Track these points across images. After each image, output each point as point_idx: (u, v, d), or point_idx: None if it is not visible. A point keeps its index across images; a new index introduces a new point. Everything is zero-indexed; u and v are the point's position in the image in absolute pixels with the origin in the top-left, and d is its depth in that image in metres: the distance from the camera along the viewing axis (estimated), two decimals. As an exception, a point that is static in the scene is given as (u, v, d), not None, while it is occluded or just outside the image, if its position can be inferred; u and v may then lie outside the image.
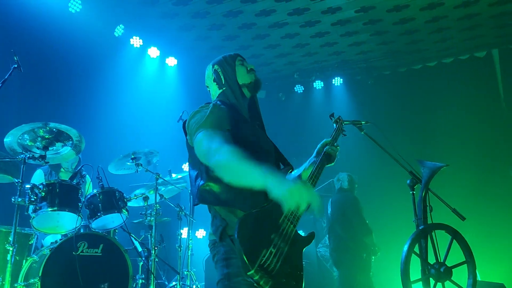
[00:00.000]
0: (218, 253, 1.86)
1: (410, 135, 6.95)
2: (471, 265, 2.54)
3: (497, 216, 6.05)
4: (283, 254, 1.71)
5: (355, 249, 4.59)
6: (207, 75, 2.25)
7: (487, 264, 5.50)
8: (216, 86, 2.16)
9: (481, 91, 6.77)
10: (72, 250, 3.26)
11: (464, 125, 6.66)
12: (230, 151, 1.68)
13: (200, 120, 1.87)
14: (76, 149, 3.63)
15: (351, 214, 4.68)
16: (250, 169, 1.63)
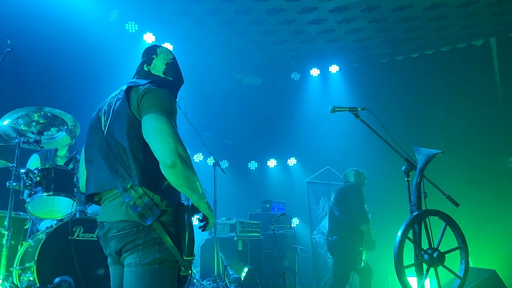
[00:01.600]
0: (148, 236, 1.78)
1: (406, 123, 6.98)
2: (464, 250, 2.58)
3: (490, 203, 6.12)
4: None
5: (351, 237, 4.63)
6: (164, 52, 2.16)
7: (479, 251, 5.57)
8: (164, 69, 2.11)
9: (478, 79, 6.78)
10: (68, 235, 3.26)
11: (460, 113, 6.69)
12: (192, 167, 1.77)
13: (168, 105, 1.85)
14: (71, 134, 3.61)
15: (352, 200, 4.72)
16: (199, 190, 1.81)
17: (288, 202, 7.11)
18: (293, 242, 6.52)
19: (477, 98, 6.69)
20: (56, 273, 3.15)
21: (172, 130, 1.76)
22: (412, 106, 7.21)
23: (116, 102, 1.95)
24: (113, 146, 1.86)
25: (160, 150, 1.73)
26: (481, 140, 6.47)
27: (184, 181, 1.75)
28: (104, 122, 1.96)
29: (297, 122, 8.33)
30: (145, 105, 1.82)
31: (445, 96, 6.94)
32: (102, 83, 6.00)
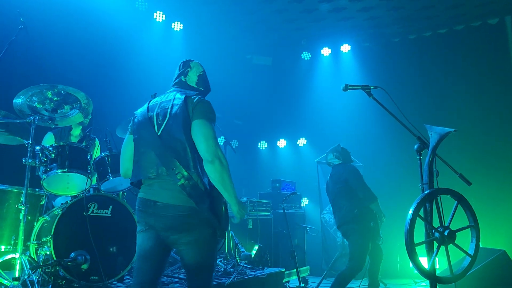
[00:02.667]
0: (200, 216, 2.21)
1: (419, 102, 6.91)
2: (475, 229, 2.58)
3: (502, 184, 6.09)
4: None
5: (362, 218, 4.60)
6: (196, 65, 2.64)
7: (489, 231, 5.58)
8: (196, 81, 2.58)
9: (492, 58, 6.66)
10: (83, 211, 3.33)
11: (473, 92, 6.61)
12: (227, 168, 2.25)
13: (212, 115, 2.34)
14: (84, 112, 3.65)
15: (354, 184, 4.65)
16: (231, 189, 2.24)
17: (298, 182, 7.15)
18: (303, 221, 6.58)
19: (491, 77, 6.59)
20: (71, 247, 3.24)
21: (214, 135, 2.27)
22: (424, 85, 7.13)
23: (173, 107, 2.34)
24: (169, 142, 2.27)
25: (204, 149, 2.21)
26: (494, 119, 6.40)
27: (219, 176, 2.20)
28: (158, 122, 2.35)
29: (307, 102, 8.30)
30: (196, 112, 2.29)
31: (458, 75, 6.85)
32: (114, 61, 6.02)
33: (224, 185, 2.21)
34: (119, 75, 6.06)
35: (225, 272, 4.27)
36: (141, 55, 6.61)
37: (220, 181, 2.21)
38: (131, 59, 6.38)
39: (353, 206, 4.60)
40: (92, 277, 3.28)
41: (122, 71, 6.14)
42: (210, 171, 2.20)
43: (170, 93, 2.48)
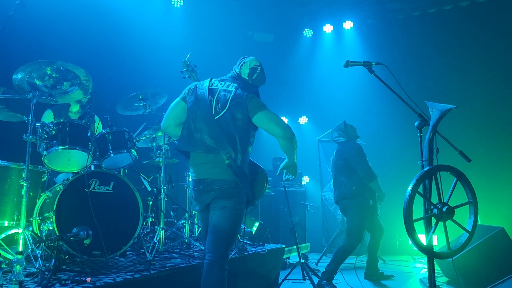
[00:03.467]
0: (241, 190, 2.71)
1: (421, 79, 6.85)
2: (474, 206, 2.59)
3: (502, 161, 6.09)
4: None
5: (360, 195, 4.66)
6: (248, 59, 2.99)
7: (488, 208, 5.61)
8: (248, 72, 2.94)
9: (497, 36, 6.55)
10: (84, 187, 3.36)
11: (475, 70, 6.54)
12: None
13: (265, 104, 2.78)
14: (84, 89, 3.64)
15: (354, 161, 4.70)
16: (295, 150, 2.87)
17: (299, 160, 7.11)
18: (304, 199, 6.63)
19: (495, 55, 6.50)
20: (74, 223, 3.28)
21: (279, 117, 2.79)
22: (427, 62, 7.06)
23: (233, 99, 2.74)
24: (225, 128, 2.68)
25: (281, 130, 2.74)
26: (495, 98, 6.36)
27: (295, 146, 2.83)
28: (217, 108, 2.74)
29: (308, 80, 8.23)
30: (254, 107, 2.73)
31: (461, 52, 6.77)
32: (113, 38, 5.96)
33: (295, 150, 2.86)
34: (119, 52, 6.01)
35: (226, 248, 4.32)
36: (141, 32, 6.53)
37: (294, 148, 2.83)
38: (131, 36, 6.31)
39: (351, 183, 4.67)
40: (94, 252, 3.32)
41: (122, 47, 6.08)
42: (290, 144, 2.80)
43: (229, 83, 2.86)
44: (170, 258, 3.76)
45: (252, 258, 4.23)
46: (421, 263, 6.15)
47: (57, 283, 2.69)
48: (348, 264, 6.26)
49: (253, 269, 4.22)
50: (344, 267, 5.97)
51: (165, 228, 4.23)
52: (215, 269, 2.65)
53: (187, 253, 4.00)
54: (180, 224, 4.99)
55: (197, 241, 4.58)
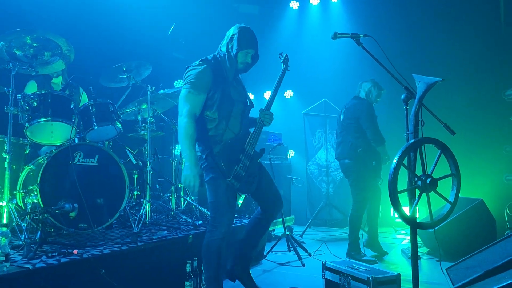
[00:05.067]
0: (204, 163, 2.89)
1: (409, 52, 6.84)
2: (456, 178, 2.65)
3: (483, 135, 6.20)
4: (246, 166, 2.90)
5: (364, 157, 4.62)
6: (229, 31, 2.99)
7: (469, 181, 5.75)
8: (225, 42, 2.97)
9: (482, 10, 6.55)
10: (69, 160, 3.31)
11: (461, 43, 6.55)
12: (186, 124, 2.75)
13: (190, 78, 2.84)
14: (66, 59, 3.54)
15: (365, 123, 4.60)
16: (185, 145, 2.75)
17: (284, 134, 7.18)
18: (289, 172, 6.68)
19: (480, 30, 6.53)
20: (59, 196, 3.25)
21: (182, 95, 2.87)
22: (414, 35, 7.03)
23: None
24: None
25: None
26: (480, 71, 6.41)
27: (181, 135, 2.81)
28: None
29: (294, 53, 8.09)
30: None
31: (448, 26, 6.76)
32: (95, 6, 5.76)
33: (181, 141, 2.84)
34: (101, 22, 5.82)
35: (212, 220, 4.35)
36: (124, 1, 6.33)
37: (180, 137, 2.85)
38: (114, 6, 6.11)
39: (358, 145, 4.62)
40: (80, 224, 3.32)
41: (104, 18, 5.89)
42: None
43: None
44: (157, 231, 3.78)
45: (238, 231, 4.27)
46: (402, 235, 6.31)
47: (43, 255, 2.68)
48: (333, 235, 6.41)
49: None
50: (329, 239, 6.11)
51: (151, 201, 4.23)
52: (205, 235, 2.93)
53: (174, 226, 4.02)
54: (166, 197, 5.00)
55: (184, 213, 4.60)
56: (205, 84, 2.84)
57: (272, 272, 4.20)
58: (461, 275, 2.82)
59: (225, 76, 2.94)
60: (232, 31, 2.95)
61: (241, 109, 3.00)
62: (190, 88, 2.81)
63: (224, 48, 2.95)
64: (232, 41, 2.92)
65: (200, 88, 2.82)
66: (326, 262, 3.22)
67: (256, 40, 3.00)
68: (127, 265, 3.01)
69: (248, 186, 2.94)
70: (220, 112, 2.87)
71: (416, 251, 2.54)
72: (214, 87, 2.87)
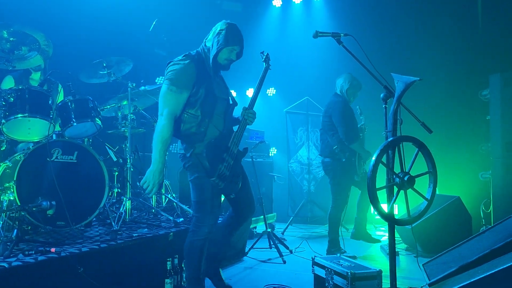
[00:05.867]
0: (188, 162, 2.86)
1: (389, 52, 6.92)
2: (433, 175, 2.71)
3: (460, 134, 6.34)
4: (230, 165, 2.88)
5: (341, 154, 4.65)
6: (215, 26, 2.92)
7: (446, 178, 5.87)
8: (211, 37, 2.90)
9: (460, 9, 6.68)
10: (46, 156, 3.26)
11: (440, 43, 6.67)
12: (162, 129, 2.69)
13: (171, 75, 2.75)
14: (44, 54, 3.48)
15: (336, 121, 4.62)
16: (156, 148, 2.70)
17: (267, 132, 7.20)
18: (271, 170, 6.70)
19: (458, 31, 6.65)
20: (36, 193, 3.20)
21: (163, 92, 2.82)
22: (394, 35, 7.12)
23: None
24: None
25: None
26: (457, 72, 6.54)
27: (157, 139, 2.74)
28: None
29: (277, 51, 8.13)
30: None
31: (427, 27, 6.87)
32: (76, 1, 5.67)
33: (154, 143, 2.79)
34: (81, 17, 5.73)
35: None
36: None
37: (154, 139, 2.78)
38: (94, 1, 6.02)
39: (333, 142, 4.66)
40: (58, 222, 3.27)
41: (84, 12, 5.81)
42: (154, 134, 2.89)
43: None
44: (137, 228, 3.75)
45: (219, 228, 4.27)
46: (382, 231, 6.41)
47: (20, 254, 2.64)
48: (314, 232, 6.46)
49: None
50: (310, 236, 6.16)
51: (132, 199, 4.20)
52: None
53: (155, 223, 4.00)
54: (147, 195, 4.95)
55: (165, 211, 4.58)
56: (188, 81, 2.74)
57: (253, 269, 4.22)
58: (437, 270, 2.89)
59: (208, 72, 2.87)
60: (220, 27, 2.87)
61: (224, 107, 2.94)
62: (170, 85, 2.71)
63: (209, 43, 2.88)
64: (219, 36, 2.83)
65: (181, 85, 2.72)
66: (315, 258, 3.26)
67: (242, 38, 2.95)
68: (106, 263, 2.98)
69: (232, 185, 2.91)
70: (203, 110, 2.79)
71: (394, 247, 2.59)
72: (198, 83, 2.78)
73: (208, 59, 2.87)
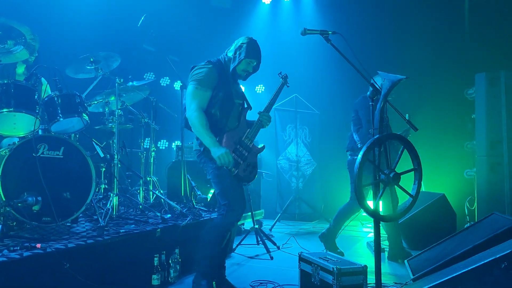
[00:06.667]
0: (203, 159, 3.16)
1: (377, 50, 6.98)
2: (418, 172, 2.74)
3: (445, 132, 6.43)
4: (244, 155, 3.14)
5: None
6: (238, 40, 3.26)
7: (431, 176, 5.96)
8: (232, 48, 3.22)
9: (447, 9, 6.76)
10: (32, 152, 3.22)
11: (427, 42, 6.75)
12: (198, 117, 3.00)
13: (197, 76, 3.08)
14: (30, 48, 3.44)
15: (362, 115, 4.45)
16: (203, 134, 3.01)
17: (255, 128, 7.20)
18: (259, 167, 6.70)
19: (445, 30, 6.73)
20: (21, 188, 3.16)
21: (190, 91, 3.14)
22: (382, 34, 7.18)
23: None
24: None
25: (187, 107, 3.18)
26: (443, 70, 6.62)
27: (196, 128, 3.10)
28: None
29: (266, 48, 8.15)
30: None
31: (415, 26, 6.94)
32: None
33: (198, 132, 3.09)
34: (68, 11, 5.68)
35: (181, 214, 4.34)
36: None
37: (194, 129, 3.11)
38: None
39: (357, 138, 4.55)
40: (44, 218, 3.24)
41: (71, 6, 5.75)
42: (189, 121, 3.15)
43: None
44: (124, 224, 3.74)
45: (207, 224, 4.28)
46: (368, 228, 6.47)
47: (5, 249, 2.61)
48: (302, 229, 6.50)
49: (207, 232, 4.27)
50: (298, 233, 6.19)
51: (119, 195, 4.17)
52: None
53: (142, 219, 3.99)
54: (135, 191, 4.94)
55: (152, 207, 4.56)
56: (211, 82, 3.07)
57: (240, 265, 4.24)
58: (421, 266, 2.93)
59: (228, 78, 3.19)
60: (242, 40, 3.21)
61: (239, 110, 3.26)
62: (197, 85, 3.04)
63: (231, 54, 3.20)
64: (241, 49, 3.16)
65: (206, 85, 3.06)
66: (302, 254, 3.28)
67: (261, 54, 3.28)
68: (93, 259, 2.97)
69: (247, 174, 3.14)
70: (221, 111, 3.09)
71: (379, 243, 2.62)
72: (219, 86, 3.10)
73: (228, 68, 3.20)
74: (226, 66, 3.22)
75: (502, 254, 2.06)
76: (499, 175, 5.05)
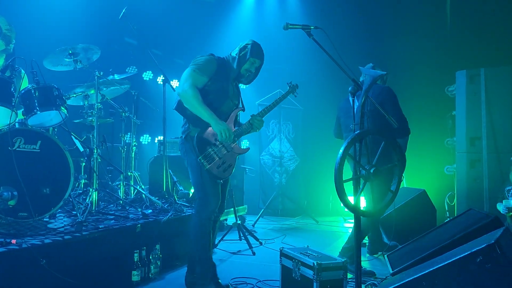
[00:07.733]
0: (183, 149, 3.21)
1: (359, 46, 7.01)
2: (399, 168, 2.76)
3: (426, 129, 6.50)
4: (221, 153, 3.13)
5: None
6: (242, 42, 3.32)
7: (412, 172, 6.03)
8: (237, 50, 3.27)
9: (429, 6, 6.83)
10: (8, 145, 3.14)
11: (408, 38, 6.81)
12: (193, 93, 3.02)
13: (197, 62, 3.16)
14: (6, 39, 3.35)
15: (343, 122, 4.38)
16: (199, 108, 3.02)
17: (239, 124, 7.18)
18: (242, 162, 6.69)
19: (427, 27, 6.81)
20: (-3, 183, 3.08)
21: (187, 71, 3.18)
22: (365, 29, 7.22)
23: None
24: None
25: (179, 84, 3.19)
26: (424, 67, 6.69)
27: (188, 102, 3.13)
28: None
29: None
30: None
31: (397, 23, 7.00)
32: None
33: (194, 107, 3.10)
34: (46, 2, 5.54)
35: (162, 209, 4.30)
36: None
37: (188, 104, 3.13)
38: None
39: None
40: (20, 213, 3.16)
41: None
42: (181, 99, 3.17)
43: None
44: (104, 220, 3.68)
45: (189, 220, 4.25)
46: (350, 223, 6.53)
47: (-22, 246, 2.54)
48: (285, 225, 6.52)
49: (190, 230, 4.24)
50: (280, 228, 6.21)
51: (99, 190, 4.11)
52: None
53: (122, 215, 3.93)
54: (115, 186, 4.87)
55: (133, 202, 4.51)
56: (209, 70, 3.13)
57: (222, 261, 4.23)
58: (400, 261, 2.96)
59: (228, 75, 3.24)
60: (246, 42, 3.28)
61: (231, 108, 3.27)
62: (195, 68, 3.10)
63: (234, 53, 3.27)
64: (245, 49, 3.23)
65: (204, 70, 3.11)
66: (283, 249, 3.27)
67: (263, 55, 3.33)
68: (71, 255, 2.92)
69: (221, 172, 3.13)
70: (213, 101, 3.11)
71: (360, 238, 2.64)
72: (215, 77, 3.14)
73: (230, 66, 3.26)
74: (228, 64, 3.26)
75: (478, 248, 2.09)
76: (478, 171, 5.13)
